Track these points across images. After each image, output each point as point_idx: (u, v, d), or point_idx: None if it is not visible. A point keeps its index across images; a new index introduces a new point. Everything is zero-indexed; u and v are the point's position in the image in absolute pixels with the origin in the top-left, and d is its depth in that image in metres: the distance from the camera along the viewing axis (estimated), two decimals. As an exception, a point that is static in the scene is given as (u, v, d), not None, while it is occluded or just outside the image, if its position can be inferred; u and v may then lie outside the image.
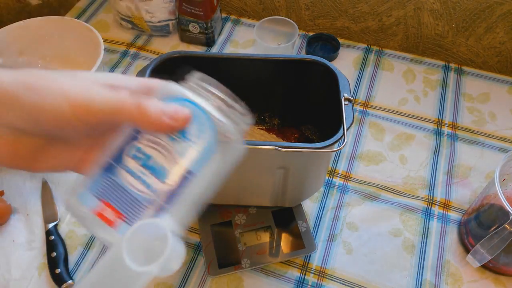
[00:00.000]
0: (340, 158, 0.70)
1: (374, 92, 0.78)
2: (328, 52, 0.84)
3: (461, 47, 0.83)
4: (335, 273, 0.58)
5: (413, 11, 0.81)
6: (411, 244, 0.61)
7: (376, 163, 0.69)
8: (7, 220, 0.62)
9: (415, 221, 0.63)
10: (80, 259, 0.59)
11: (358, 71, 0.82)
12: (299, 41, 0.87)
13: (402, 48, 0.88)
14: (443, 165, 0.69)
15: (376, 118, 0.75)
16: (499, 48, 0.81)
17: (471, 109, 0.76)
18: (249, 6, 0.92)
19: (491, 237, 0.51)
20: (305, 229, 0.59)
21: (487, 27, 0.78)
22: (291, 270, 0.59)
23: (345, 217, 0.63)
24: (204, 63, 0.57)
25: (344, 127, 0.47)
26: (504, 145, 0.71)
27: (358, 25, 0.87)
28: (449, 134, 0.73)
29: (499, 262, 0.56)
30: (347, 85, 0.52)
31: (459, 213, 0.64)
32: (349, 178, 0.67)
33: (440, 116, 0.75)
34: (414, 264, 0.59)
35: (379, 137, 0.72)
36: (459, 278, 0.58)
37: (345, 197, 0.65)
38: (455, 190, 0.66)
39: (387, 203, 0.65)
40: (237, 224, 0.60)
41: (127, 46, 0.86)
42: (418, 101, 0.77)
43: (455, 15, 0.79)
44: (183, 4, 0.79)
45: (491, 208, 0.56)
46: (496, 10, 0.75)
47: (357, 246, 0.61)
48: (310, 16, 0.89)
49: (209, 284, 0.57)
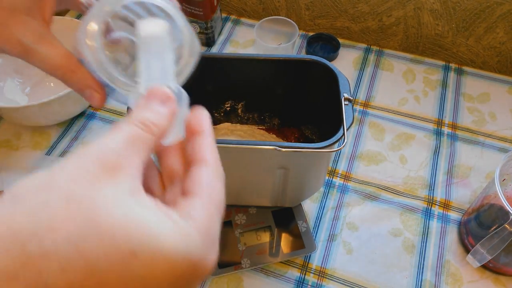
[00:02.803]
0: (340, 158, 0.70)
1: (374, 92, 0.79)
2: (328, 52, 0.84)
3: (461, 47, 0.83)
4: (335, 273, 0.58)
5: (413, 11, 0.81)
6: (411, 244, 0.61)
7: (376, 163, 0.69)
8: (7, 220, 0.62)
9: (415, 221, 0.63)
10: (80, 259, 0.59)
11: (358, 71, 0.82)
12: (299, 41, 0.87)
13: (402, 48, 0.88)
14: (443, 165, 0.69)
15: (376, 118, 0.75)
16: (499, 48, 0.81)
17: (471, 109, 0.76)
18: (249, 6, 0.92)
19: (491, 237, 0.51)
20: (305, 229, 0.59)
21: (487, 27, 0.78)
22: (291, 270, 0.59)
23: (345, 217, 0.63)
24: (204, 63, 0.57)
25: (344, 127, 0.47)
26: (504, 145, 0.71)
27: (358, 25, 0.87)
28: (449, 134, 0.73)
29: (499, 262, 0.56)
30: (347, 85, 0.52)
31: (459, 213, 0.64)
32: (349, 178, 0.67)
33: (440, 116, 0.75)
34: (414, 264, 0.59)
35: (379, 137, 0.72)
36: (459, 278, 0.58)
37: (345, 197, 0.65)
38: (455, 190, 0.66)
39: (387, 203, 0.65)
40: (237, 224, 0.60)
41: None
42: (418, 101, 0.77)
43: (455, 15, 0.79)
44: (183, 4, 0.79)
45: (491, 208, 0.56)
46: (496, 10, 0.75)
47: (357, 246, 0.61)
48: (310, 16, 0.89)
49: (209, 284, 0.57)
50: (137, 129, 0.23)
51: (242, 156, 0.50)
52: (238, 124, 0.67)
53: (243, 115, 0.66)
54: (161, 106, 0.25)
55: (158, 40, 0.28)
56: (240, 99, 0.64)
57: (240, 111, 0.65)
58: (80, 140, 0.72)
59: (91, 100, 0.34)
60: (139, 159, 0.22)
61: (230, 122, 0.66)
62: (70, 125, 0.74)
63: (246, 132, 0.66)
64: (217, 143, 0.43)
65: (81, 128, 0.73)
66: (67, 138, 0.72)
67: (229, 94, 0.63)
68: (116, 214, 0.19)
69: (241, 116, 0.66)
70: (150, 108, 0.24)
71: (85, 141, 0.71)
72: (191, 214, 0.22)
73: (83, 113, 0.75)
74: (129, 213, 0.19)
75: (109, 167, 0.20)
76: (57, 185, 0.19)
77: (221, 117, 0.66)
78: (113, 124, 0.74)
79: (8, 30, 0.31)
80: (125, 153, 0.21)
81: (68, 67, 0.33)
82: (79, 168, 0.20)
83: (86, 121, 0.74)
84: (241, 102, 0.64)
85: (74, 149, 0.70)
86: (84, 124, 0.74)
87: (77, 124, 0.74)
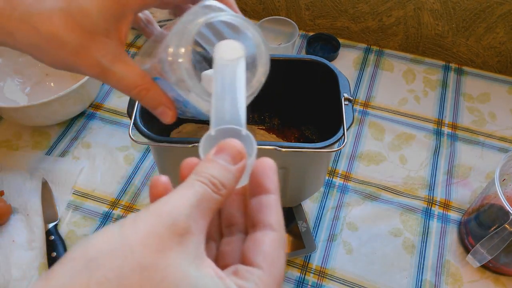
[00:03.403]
0: (340, 158, 0.70)
1: (374, 92, 0.78)
2: (328, 52, 0.84)
3: (461, 47, 0.83)
4: (335, 273, 0.58)
5: (413, 11, 0.81)
6: (411, 244, 0.61)
7: (376, 163, 0.69)
8: (7, 220, 0.62)
9: (415, 221, 0.63)
10: (80, 259, 0.59)
11: (358, 71, 0.82)
12: (299, 41, 0.87)
13: (402, 48, 0.88)
14: (443, 165, 0.69)
15: (376, 118, 0.75)
16: (499, 48, 0.81)
17: (471, 109, 0.76)
18: (249, 6, 0.92)
19: (491, 237, 0.51)
20: (305, 229, 0.59)
21: (487, 27, 0.78)
22: (291, 270, 0.59)
23: (345, 217, 0.63)
24: (204, 63, 0.57)
25: (344, 127, 0.47)
26: (504, 145, 0.71)
27: (358, 25, 0.87)
28: (449, 134, 0.73)
29: (499, 262, 0.56)
30: (347, 85, 0.52)
31: (459, 213, 0.64)
32: (349, 178, 0.67)
33: (440, 116, 0.75)
34: (414, 264, 0.59)
35: (379, 137, 0.72)
36: (459, 278, 0.58)
37: (345, 197, 0.65)
38: (455, 190, 0.66)
39: (387, 203, 0.65)
40: (237, 224, 0.60)
41: (127, 46, 0.86)
42: (418, 101, 0.77)
43: (455, 15, 0.79)
44: (183, 4, 0.79)
45: (491, 208, 0.56)
46: (496, 10, 0.75)
47: (357, 246, 0.61)
48: (310, 16, 0.89)
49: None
50: (207, 190, 0.23)
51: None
52: (238, 124, 0.67)
53: (243, 115, 0.66)
54: (231, 163, 0.24)
55: (233, 66, 0.28)
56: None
57: (240, 111, 0.65)
58: (80, 140, 0.72)
59: (163, 116, 0.35)
60: (206, 221, 0.23)
61: (230, 122, 0.66)
62: (70, 125, 0.74)
63: (246, 132, 0.66)
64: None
65: (81, 128, 0.73)
66: (67, 138, 0.72)
67: (229, 94, 0.63)
68: (182, 285, 0.20)
69: (241, 116, 0.66)
70: (221, 165, 0.24)
71: (85, 141, 0.71)
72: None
73: (83, 113, 0.75)
74: (194, 284, 0.21)
75: (179, 233, 0.21)
76: (130, 251, 0.20)
77: (221, 117, 0.66)
78: (113, 124, 0.74)
79: (88, 52, 0.31)
80: (194, 217, 0.22)
81: (143, 86, 0.34)
82: (151, 232, 0.21)
83: (86, 121, 0.74)
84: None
85: (74, 149, 0.70)
86: (84, 124, 0.74)
87: (77, 124, 0.74)
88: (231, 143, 0.25)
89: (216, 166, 0.24)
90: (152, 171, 0.68)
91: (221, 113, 0.27)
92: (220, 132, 0.27)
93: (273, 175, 0.26)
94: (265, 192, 0.26)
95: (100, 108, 0.76)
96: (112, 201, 0.65)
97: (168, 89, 0.34)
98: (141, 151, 0.70)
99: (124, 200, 0.65)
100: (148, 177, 0.67)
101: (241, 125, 0.27)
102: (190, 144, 0.46)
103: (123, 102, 0.77)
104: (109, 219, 0.63)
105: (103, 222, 0.63)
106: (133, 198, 0.65)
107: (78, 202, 0.65)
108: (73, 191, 0.66)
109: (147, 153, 0.70)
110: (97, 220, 0.63)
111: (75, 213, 0.63)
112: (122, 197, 0.65)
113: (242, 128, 0.27)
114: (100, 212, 0.64)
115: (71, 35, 0.30)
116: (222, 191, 0.23)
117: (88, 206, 0.64)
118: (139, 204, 0.65)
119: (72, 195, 0.65)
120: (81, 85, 0.65)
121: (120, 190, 0.66)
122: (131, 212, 0.64)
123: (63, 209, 0.63)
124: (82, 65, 0.32)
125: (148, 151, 0.70)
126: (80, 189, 0.66)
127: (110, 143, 0.71)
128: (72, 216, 0.63)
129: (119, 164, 0.69)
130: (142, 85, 0.34)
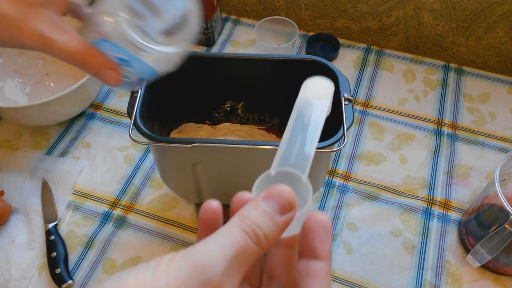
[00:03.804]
0: (340, 158, 0.70)
1: (374, 92, 0.78)
2: (328, 52, 0.84)
3: (461, 47, 0.83)
4: (335, 273, 0.58)
5: (413, 11, 0.81)
6: (411, 244, 0.61)
7: (376, 163, 0.69)
8: (7, 220, 0.62)
9: (415, 221, 0.63)
10: (80, 259, 0.59)
11: (358, 71, 0.82)
12: (299, 41, 0.87)
13: (402, 48, 0.88)
14: (443, 165, 0.69)
15: (376, 118, 0.75)
16: (499, 48, 0.81)
17: (471, 109, 0.76)
18: (249, 6, 0.92)
19: (491, 237, 0.51)
20: (305, 229, 0.59)
21: (487, 27, 0.78)
22: (291, 270, 0.59)
23: (345, 217, 0.63)
24: (204, 63, 0.57)
25: (344, 127, 0.47)
26: (504, 145, 0.71)
27: (358, 25, 0.87)
28: (449, 134, 0.73)
29: (499, 262, 0.56)
30: (347, 85, 0.52)
31: (459, 213, 0.64)
32: (349, 178, 0.67)
33: (440, 116, 0.75)
34: (414, 264, 0.59)
35: (379, 137, 0.72)
36: (459, 278, 0.58)
37: (345, 197, 0.65)
38: (455, 190, 0.66)
39: (387, 203, 0.65)
40: (237, 224, 0.60)
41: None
42: (418, 101, 0.77)
43: (455, 15, 0.79)
44: (183, 4, 0.79)
45: (491, 208, 0.56)
46: (496, 10, 0.75)
47: (357, 246, 0.61)
48: (310, 16, 0.89)
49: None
50: (248, 241, 0.21)
51: (242, 156, 0.50)
52: (238, 124, 0.67)
53: (243, 115, 0.66)
54: (278, 213, 0.22)
55: (316, 106, 0.27)
56: (240, 99, 0.64)
57: (240, 111, 0.65)
58: (80, 140, 0.72)
59: (108, 79, 0.36)
60: (241, 274, 0.22)
61: (230, 122, 0.66)
62: (70, 125, 0.74)
63: (246, 132, 0.66)
64: (217, 143, 0.43)
65: (81, 128, 0.73)
66: (67, 138, 0.72)
67: (229, 94, 0.63)
68: None
69: (241, 116, 0.66)
70: (266, 213, 0.22)
71: (85, 141, 0.71)
72: None
73: (83, 113, 0.75)
74: None
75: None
76: None
77: (221, 117, 0.66)
78: (113, 124, 0.74)
79: (30, 23, 0.33)
80: (229, 273, 0.21)
81: (85, 51, 0.35)
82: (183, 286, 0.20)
83: (86, 121, 0.74)
84: (241, 102, 0.64)
85: (74, 149, 0.70)
86: (84, 124, 0.74)
87: (77, 124, 0.74)
88: (282, 191, 0.23)
89: (262, 214, 0.22)
90: (152, 171, 0.68)
91: (287, 154, 0.26)
92: (280, 174, 0.25)
93: (326, 238, 0.24)
94: (315, 257, 0.24)
95: (100, 108, 0.76)
96: (112, 201, 0.65)
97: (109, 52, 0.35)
98: (141, 151, 0.70)
99: (124, 200, 0.65)
100: (148, 177, 0.67)
101: (304, 171, 0.25)
102: (190, 144, 0.46)
103: (123, 102, 0.77)
104: (109, 219, 0.63)
105: (103, 222, 0.63)
106: (133, 198, 0.65)
107: (78, 202, 0.65)
108: (73, 191, 0.66)
109: (147, 153, 0.70)
110: (97, 220, 0.63)
111: (75, 213, 0.63)
112: (122, 197, 0.65)
113: (303, 176, 0.25)
114: (100, 212, 0.64)
115: (12, 8, 0.32)
116: (264, 244, 0.22)
117: (88, 206, 0.64)
118: (139, 204, 0.64)
119: (72, 195, 0.65)
120: (81, 85, 0.65)
121: (120, 190, 0.66)
122: (131, 212, 0.64)
123: (63, 209, 0.63)
124: (25, 37, 0.33)
125: (148, 151, 0.70)
126: (80, 189, 0.66)
127: (110, 143, 0.71)
128: (72, 216, 0.63)
129: (119, 164, 0.69)
130: (84, 50, 0.35)
